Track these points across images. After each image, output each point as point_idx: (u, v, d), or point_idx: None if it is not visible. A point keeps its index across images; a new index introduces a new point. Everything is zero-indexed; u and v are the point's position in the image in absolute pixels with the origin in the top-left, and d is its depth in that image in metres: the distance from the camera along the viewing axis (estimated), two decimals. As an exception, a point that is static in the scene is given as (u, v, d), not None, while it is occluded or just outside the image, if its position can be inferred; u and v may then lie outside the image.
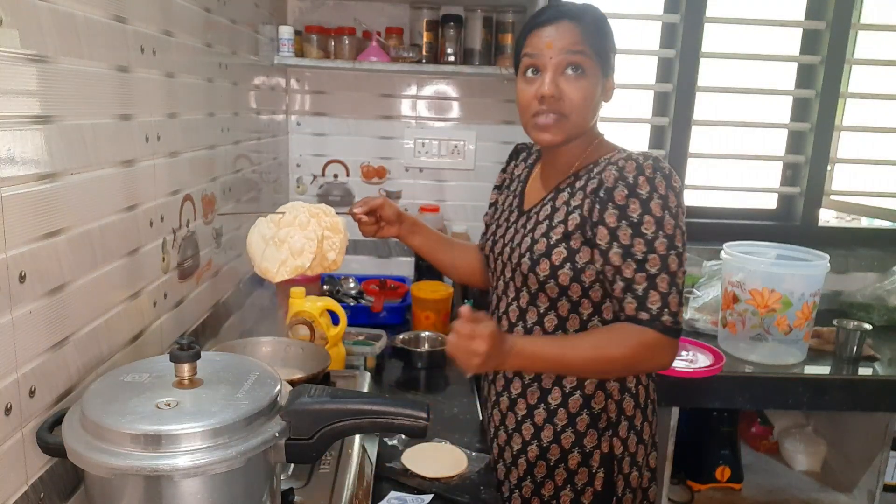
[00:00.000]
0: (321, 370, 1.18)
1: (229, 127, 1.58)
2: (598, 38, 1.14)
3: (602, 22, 1.16)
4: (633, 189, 1.08)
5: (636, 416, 1.21)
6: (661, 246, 1.08)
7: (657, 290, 1.08)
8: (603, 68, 1.15)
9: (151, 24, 1.11)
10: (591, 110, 1.16)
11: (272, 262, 1.13)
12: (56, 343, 0.84)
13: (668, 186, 1.09)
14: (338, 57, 2.17)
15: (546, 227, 1.17)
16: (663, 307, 1.08)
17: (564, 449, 1.19)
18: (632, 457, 1.21)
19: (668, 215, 1.08)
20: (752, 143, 2.62)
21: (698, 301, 2.16)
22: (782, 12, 2.50)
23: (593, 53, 1.13)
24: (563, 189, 1.19)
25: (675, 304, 1.09)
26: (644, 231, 1.08)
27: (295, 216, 1.14)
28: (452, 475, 1.19)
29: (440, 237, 1.44)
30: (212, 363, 0.82)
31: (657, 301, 1.08)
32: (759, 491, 2.19)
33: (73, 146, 0.87)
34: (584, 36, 1.12)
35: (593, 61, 1.13)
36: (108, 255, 0.97)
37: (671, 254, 1.08)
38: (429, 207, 2.37)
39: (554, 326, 1.19)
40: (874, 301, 2.27)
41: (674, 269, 1.09)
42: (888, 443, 1.95)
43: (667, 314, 1.08)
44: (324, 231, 1.14)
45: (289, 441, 0.77)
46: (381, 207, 1.30)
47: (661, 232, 1.08)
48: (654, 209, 1.08)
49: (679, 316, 1.09)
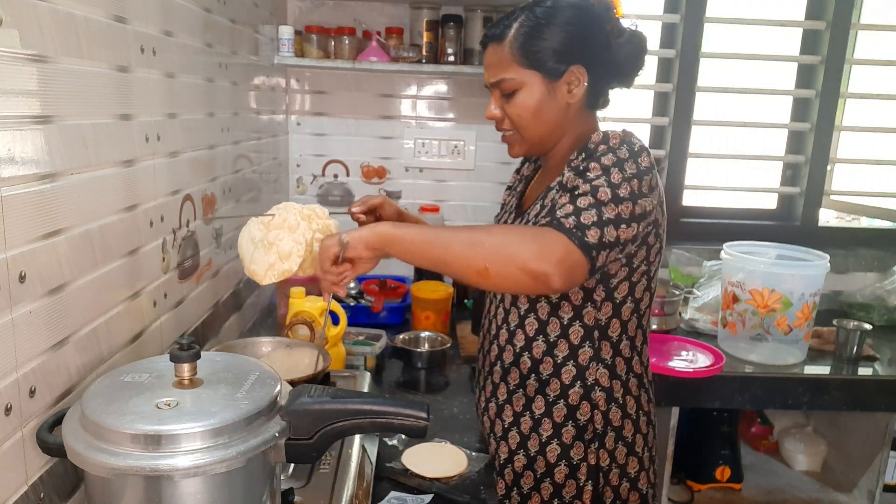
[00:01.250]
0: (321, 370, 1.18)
1: (229, 127, 1.58)
2: (530, 47, 1.09)
3: (542, 25, 1.09)
4: (592, 153, 1.06)
5: (625, 426, 1.17)
6: (597, 181, 1.01)
7: (574, 203, 1.01)
8: (546, 74, 1.10)
9: (151, 24, 1.11)
10: (545, 119, 1.13)
11: (260, 265, 1.12)
12: (56, 343, 0.84)
13: (632, 155, 1.04)
14: (338, 57, 2.17)
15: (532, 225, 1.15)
16: (571, 214, 0.99)
17: (549, 462, 1.16)
18: (621, 468, 1.17)
19: (616, 170, 1.02)
20: (752, 143, 2.62)
21: (698, 301, 2.16)
22: (782, 12, 2.50)
23: (523, 67, 1.10)
24: (553, 187, 1.16)
25: (588, 219, 0.98)
26: (587, 174, 1.03)
27: (284, 219, 1.13)
28: (452, 475, 1.19)
29: None
30: (212, 363, 0.82)
31: (568, 210, 1.00)
32: (759, 491, 2.19)
33: (73, 146, 0.87)
34: (509, 57, 1.10)
35: (524, 76, 1.10)
36: (108, 255, 0.97)
37: (606, 188, 1.00)
38: (429, 207, 2.37)
39: (535, 330, 1.16)
40: (874, 301, 2.27)
41: (602, 198, 1.00)
42: (888, 443, 1.96)
43: (572, 219, 0.99)
44: (314, 234, 1.13)
45: (289, 441, 0.77)
46: (381, 206, 1.27)
47: (605, 178, 1.02)
48: (605, 160, 1.03)
49: (590, 232, 0.98)
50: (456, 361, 1.79)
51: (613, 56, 1.13)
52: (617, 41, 1.13)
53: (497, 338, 1.23)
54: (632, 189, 1.02)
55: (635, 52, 1.14)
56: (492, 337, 1.25)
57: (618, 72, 1.15)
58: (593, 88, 1.14)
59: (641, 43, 1.15)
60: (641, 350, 1.20)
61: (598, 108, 1.20)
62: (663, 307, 2.06)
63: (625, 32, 1.14)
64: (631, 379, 1.18)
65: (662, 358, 1.84)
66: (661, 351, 1.88)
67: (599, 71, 1.13)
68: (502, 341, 1.22)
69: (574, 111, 1.15)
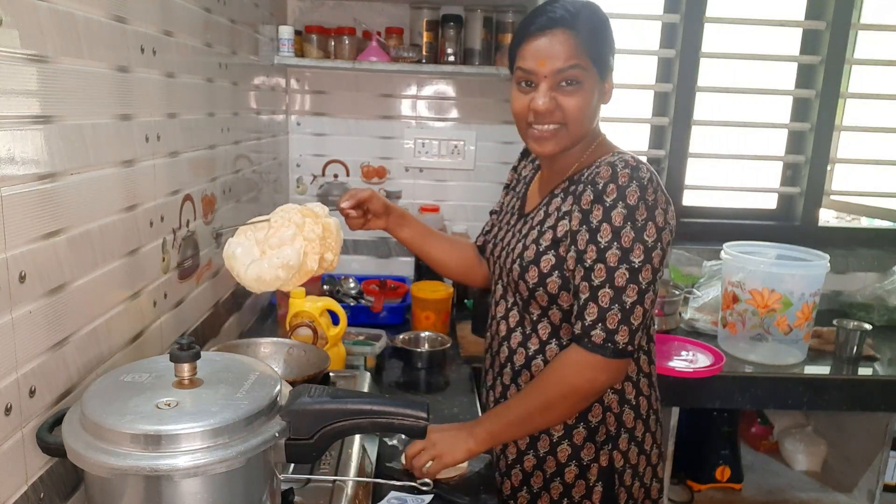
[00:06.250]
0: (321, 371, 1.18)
1: (229, 127, 1.58)
2: (595, 44, 1.09)
3: (600, 24, 1.11)
4: (600, 195, 1.05)
5: (637, 427, 1.18)
6: (612, 258, 1.03)
7: (597, 302, 1.04)
8: (600, 73, 1.11)
9: (151, 24, 1.11)
10: (589, 118, 1.13)
11: (252, 273, 1.05)
12: (56, 343, 0.84)
13: (641, 198, 1.03)
14: (338, 57, 2.17)
15: (537, 234, 1.15)
16: (598, 321, 1.04)
17: (560, 462, 1.17)
18: (633, 468, 1.19)
19: (628, 227, 1.03)
20: (752, 143, 2.62)
21: (698, 301, 2.16)
22: (782, 12, 2.50)
23: (589, 61, 1.08)
24: (557, 194, 1.17)
25: (613, 322, 1.03)
26: (599, 239, 1.04)
27: (289, 219, 1.07)
28: (452, 475, 1.19)
29: (430, 231, 1.41)
30: (212, 363, 0.82)
31: (594, 313, 1.04)
32: (759, 491, 2.19)
33: (73, 146, 0.87)
34: (579, 45, 1.07)
35: (589, 70, 1.09)
36: (108, 255, 0.97)
37: (621, 268, 1.03)
38: (429, 207, 2.37)
39: (548, 334, 1.17)
40: (874, 301, 2.27)
41: (620, 283, 1.03)
42: (888, 443, 1.95)
43: (599, 329, 1.03)
44: (306, 245, 1.07)
45: (289, 441, 0.77)
46: (369, 200, 1.26)
47: (616, 243, 1.03)
48: (615, 218, 1.03)
49: (618, 335, 1.03)
50: (456, 361, 1.79)
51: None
52: None
53: (508, 339, 1.23)
54: (644, 246, 1.04)
55: None
56: (501, 338, 1.25)
57: None
58: None
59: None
60: (649, 349, 1.21)
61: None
62: (663, 307, 2.06)
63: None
64: (641, 379, 1.19)
65: (662, 358, 1.83)
66: (661, 351, 1.88)
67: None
68: (514, 344, 1.22)
69: (597, 117, 1.18)
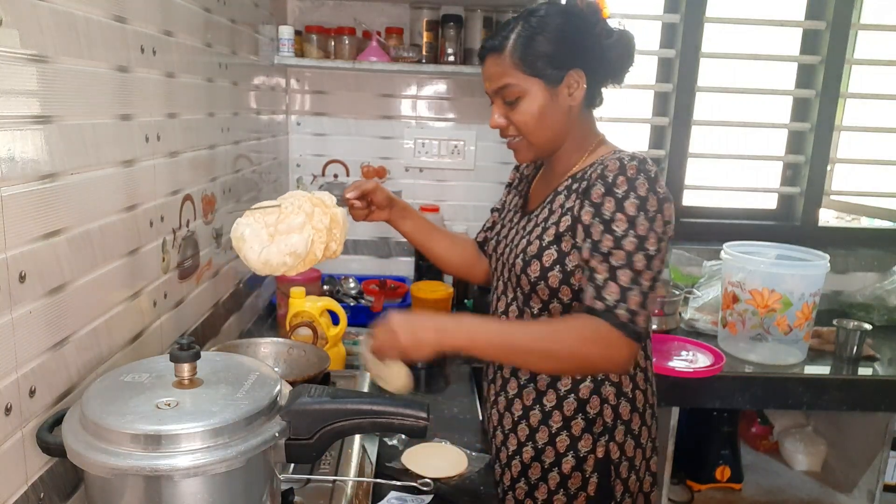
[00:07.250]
0: (321, 371, 1.18)
1: (229, 127, 1.58)
2: (529, 55, 1.11)
3: (537, 30, 1.12)
4: (611, 188, 1.07)
5: (633, 420, 1.20)
6: (629, 244, 1.06)
7: (617, 282, 1.05)
8: (547, 80, 1.13)
9: (151, 24, 1.11)
10: (549, 124, 1.15)
11: (261, 257, 1.08)
12: (56, 343, 0.84)
13: (650, 189, 1.06)
14: (338, 57, 2.17)
15: (541, 230, 1.17)
16: (620, 300, 1.05)
17: (559, 452, 1.19)
18: (630, 461, 1.20)
19: (642, 216, 1.06)
20: (752, 143, 2.62)
21: (698, 301, 2.16)
22: (782, 12, 2.50)
23: (523, 74, 1.12)
24: (560, 192, 1.19)
25: (634, 303, 1.05)
26: (614, 228, 1.06)
27: (298, 206, 1.09)
28: (452, 475, 1.19)
29: (432, 226, 1.43)
30: (212, 363, 0.82)
31: (615, 293, 1.05)
32: (759, 491, 2.19)
33: (73, 146, 0.87)
34: (509, 63, 1.12)
35: (527, 81, 1.12)
36: (108, 255, 0.97)
37: (638, 253, 1.05)
38: (429, 207, 2.37)
39: None
40: (874, 301, 2.27)
41: (639, 268, 1.05)
42: (888, 443, 1.96)
43: (623, 308, 1.05)
44: (314, 234, 1.10)
45: (289, 441, 0.77)
46: (373, 192, 1.29)
47: (633, 231, 1.05)
48: (629, 208, 1.06)
49: (639, 317, 1.05)
50: (456, 361, 1.79)
51: (605, 56, 1.17)
52: (607, 42, 1.16)
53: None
54: (657, 235, 1.07)
55: (624, 50, 1.18)
56: None
57: (610, 71, 1.19)
58: (590, 89, 1.18)
59: (630, 41, 1.19)
60: (646, 345, 1.23)
61: (595, 107, 1.23)
62: (663, 307, 2.06)
63: (614, 33, 1.17)
64: (638, 373, 1.21)
65: (662, 358, 1.83)
66: (661, 351, 1.88)
67: (594, 72, 1.17)
68: None
69: (575, 113, 1.18)
